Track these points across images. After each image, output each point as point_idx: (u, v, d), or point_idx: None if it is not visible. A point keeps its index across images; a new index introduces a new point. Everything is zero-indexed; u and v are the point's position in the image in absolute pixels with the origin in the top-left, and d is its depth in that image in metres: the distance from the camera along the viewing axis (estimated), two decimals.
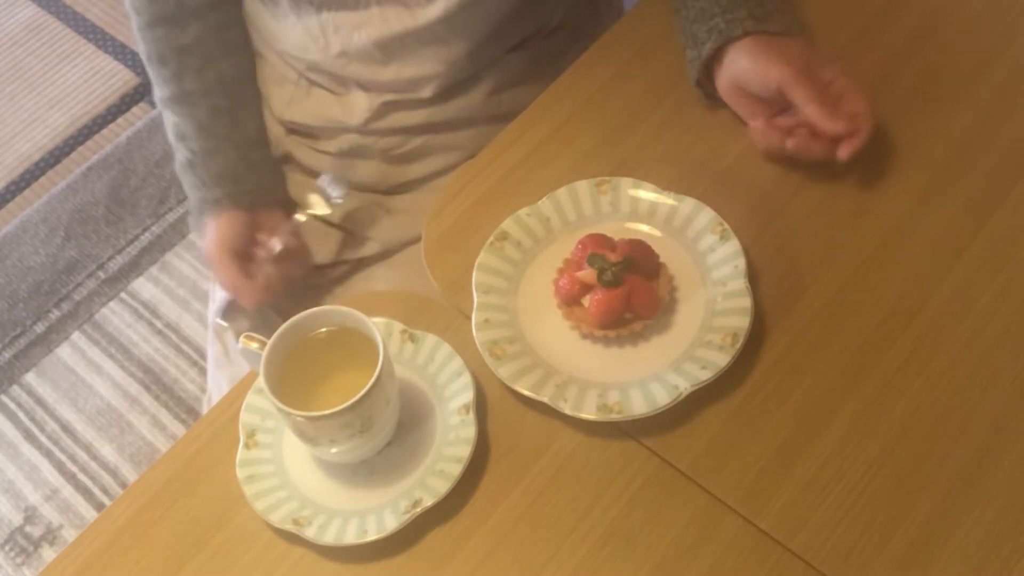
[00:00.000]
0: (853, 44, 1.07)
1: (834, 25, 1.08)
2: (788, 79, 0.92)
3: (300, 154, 1.16)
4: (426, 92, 1.09)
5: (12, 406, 1.81)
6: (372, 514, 0.82)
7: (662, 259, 0.90)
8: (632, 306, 0.87)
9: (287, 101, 1.14)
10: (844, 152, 0.91)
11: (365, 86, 1.11)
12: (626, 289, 0.86)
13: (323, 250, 1.18)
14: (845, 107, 0.92)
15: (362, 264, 1.18)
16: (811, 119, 0.91)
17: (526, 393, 0.85)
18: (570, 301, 0.89)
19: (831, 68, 0.93)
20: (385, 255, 1.17)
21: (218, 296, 1.17)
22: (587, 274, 0.88)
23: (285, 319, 0.83)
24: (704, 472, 0.83)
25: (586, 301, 0.88)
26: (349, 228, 1.16)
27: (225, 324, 1.02)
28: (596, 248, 0.89)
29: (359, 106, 1.11)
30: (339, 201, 1.09)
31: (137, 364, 1.83)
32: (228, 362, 1.14)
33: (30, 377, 1.84)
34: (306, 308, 0.84)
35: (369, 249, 1.17)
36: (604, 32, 1.11)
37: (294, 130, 1.16)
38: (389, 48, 1.05)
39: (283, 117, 1.15)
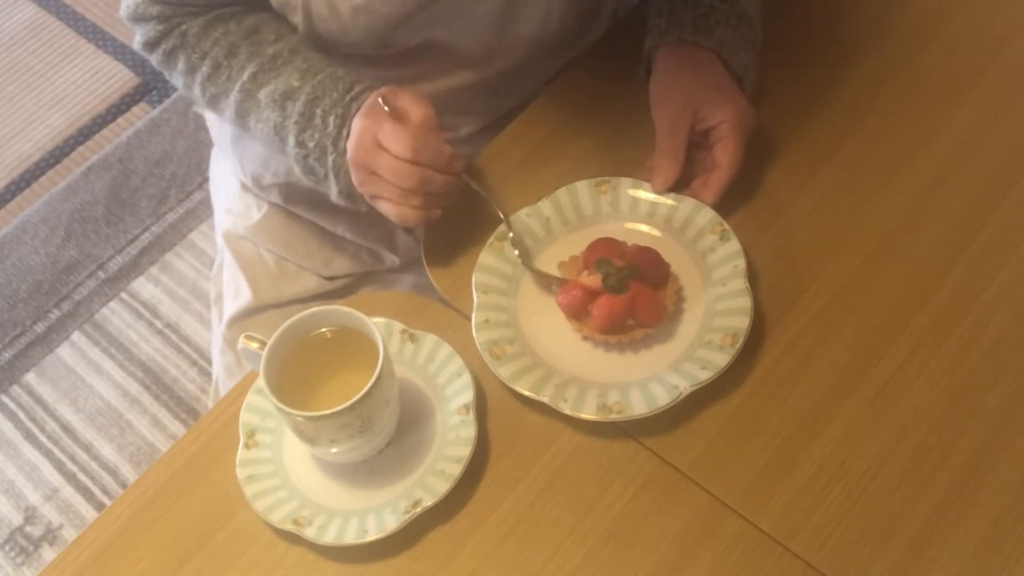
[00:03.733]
0: (854, 44, 1.07)
1: (835, 25, 1.08)
2: (661, 120, 0.96)
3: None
4: (464, 131, 1.09)
5: (12, 406, 1.81)
6: (372, 514, 0.82)
7: (672, 268, 0.90)
8: (635, 314, 0.87)
9: None
10: (704, 197, 0.94)
11: None
12: (629, 296, 0.86)
13: (338, 264, 1.18)
14: (714, 155, 0.94)
15: (375, 274, 1.19)
16: (655, 164, 0.95)
17: (526, 393, 0.85)
18: (576, 310, 0.88)
19: (721, 114, 0.94)
20: (402, 268, 1.17)
21: (231, 305, 1.17)
22: (592, 279, 0.87)
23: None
24: (704, 472, 0.83)
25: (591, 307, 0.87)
26: (364, 243, 1.17)
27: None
28: (605, 252, 0.89)
29: None
30: None
31: (137, 364, 1.83)
32: (241, 372, 1.14)
33: (30, 377, 1.84)
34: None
35: (387, 262, 1.17)
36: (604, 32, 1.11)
37: None
38: (443, 100, 1.05)
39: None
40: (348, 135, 0.91)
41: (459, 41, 1.00)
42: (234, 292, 1.17)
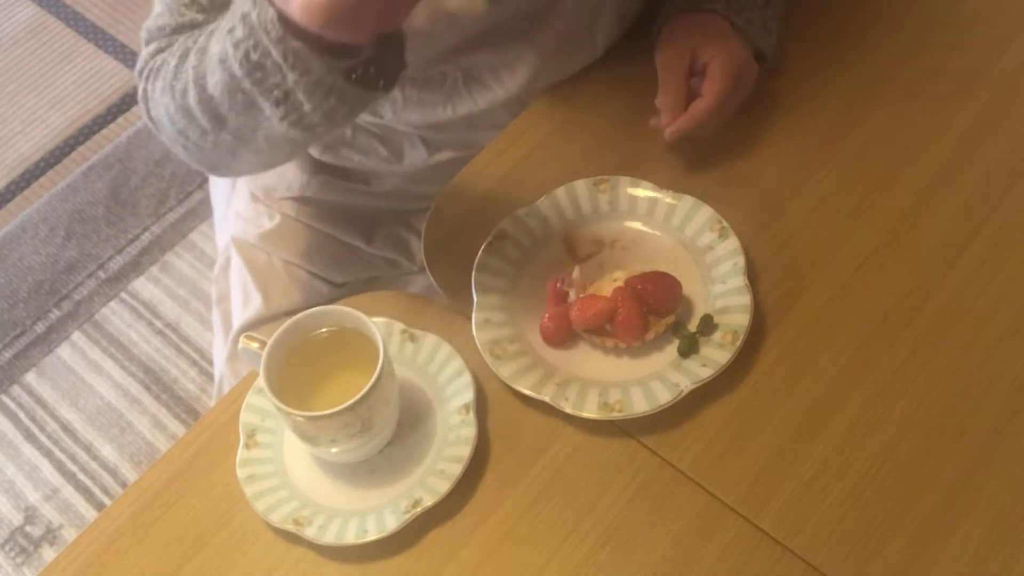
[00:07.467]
0: (854, 45, 1.07)
1: (835, 25, 1.08)
2: (661, 63, 0.98)
3: (326, 194, 1.15)
4: (486, 142, 1.09)
5: (12, 406, 1.81)
6: (372, 514, 0.82)
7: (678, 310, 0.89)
8: (613, 323, 0.86)
9: (325, 143, 1.12)
10: (667, 134, 0.96)
11: (428, 142, 1.10)
12: (612, 304, 0.86)
13: (353, 272, 1.17)
14: (702, 89, 0.96)
15: (386, 278, 1.19)
16: (660, 102, 0.97)
17: (527, 392, 0.85)
18: (594, 328, 0.88)
19: (712, 51, 0.95)
20: (413, 271, 1.17)
21: (241, 313, 1.16)
22: (596, 286, 0.88)
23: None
24: (704, 472, 0.83)
25: (609, 326, 0.87)
26: (380, 253, 1.17)
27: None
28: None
29: (416, 158, 1.10)
30: None
31: (137, 364, 1.83)
32: None
33: (30, 377, 1.84)
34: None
35: (403, 269, 1.17)
36: None
37: (322, 171, 1.15)
38: (474, 119, 1.05)
39: (320, 157, 1.13)
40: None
41: (504, 67, 1.00)
42: (244, 300, 1.16)
